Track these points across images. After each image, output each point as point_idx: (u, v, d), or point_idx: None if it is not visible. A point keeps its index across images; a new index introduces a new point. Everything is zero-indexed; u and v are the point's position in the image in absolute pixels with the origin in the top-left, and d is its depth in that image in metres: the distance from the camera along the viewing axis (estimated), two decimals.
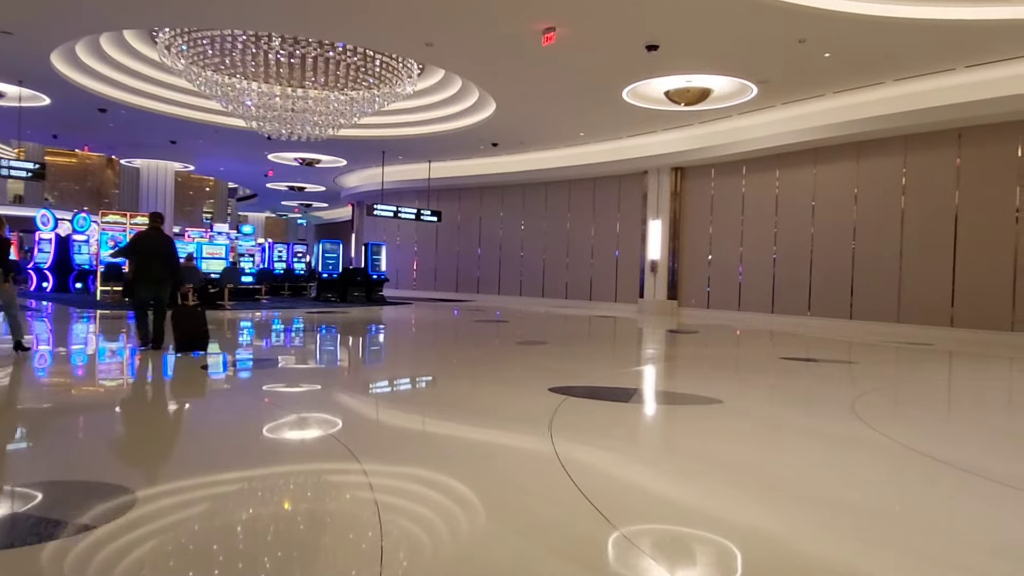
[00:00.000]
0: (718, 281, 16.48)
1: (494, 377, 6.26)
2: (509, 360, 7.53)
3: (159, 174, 21.19)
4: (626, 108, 14.19)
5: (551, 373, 6.39)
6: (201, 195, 53.36)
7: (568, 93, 13.43)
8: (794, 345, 10.22)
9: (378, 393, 5.57)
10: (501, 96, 13.88)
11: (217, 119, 17.40)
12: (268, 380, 5.86)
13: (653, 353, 8.90)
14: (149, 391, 5.74)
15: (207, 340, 7.15)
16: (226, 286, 14.01)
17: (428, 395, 5.71)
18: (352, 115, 14.63)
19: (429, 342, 9.65)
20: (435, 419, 4.52)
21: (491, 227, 22.27)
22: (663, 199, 17.52)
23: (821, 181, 14.38)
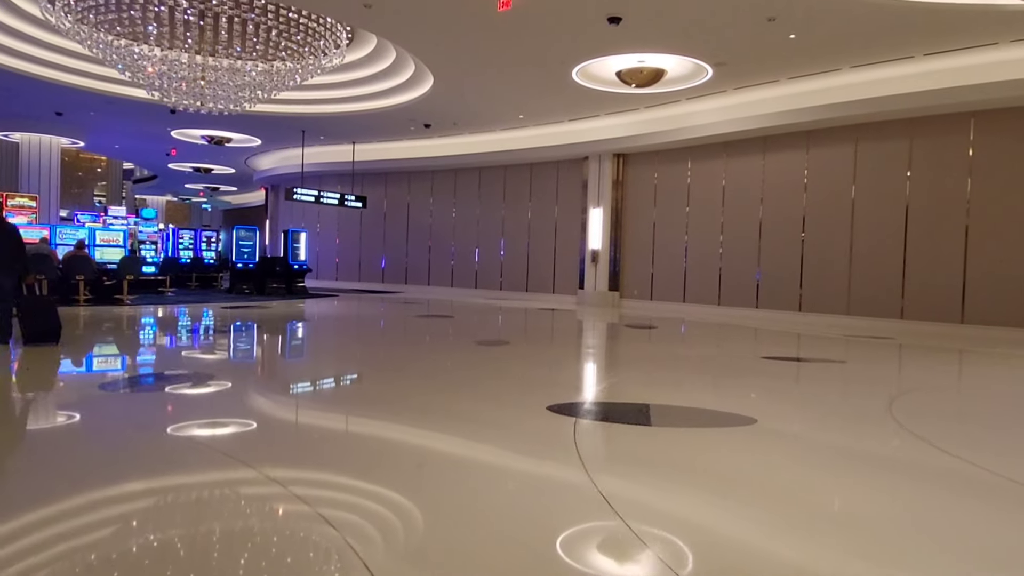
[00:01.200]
0: (662, 272, 15.98)
1: (474, 393, 5.24)
2: (478, 368, 6.52)
3: (42, 150, 18.76)
4: (575, 88, 13.35)
5: (536, 385, 5.46)
6: (92, 176, 49.18)
7: (516, 70, 12.45)
8: (765, 342, 9.68)
9: (326, 429, 4.43)
10: (441, 70, 12.74)
11: (112, 88, 15.39)
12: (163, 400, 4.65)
13: (628, 355, 8.07)
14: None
15: (59, 334, 6.63)
16: (125, 278, 12.27)
17: (401, 422, 4.67)
18: (270, 88, 13.11)
19: (372, 344, 8.41)
20: (422, 454, 3.50)
21: (420, 214, 21.05)
22: (604, 186, 16.84)
23: (770, 170, 14.03)
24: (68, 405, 4.45)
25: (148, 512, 2.57)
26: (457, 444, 3.70)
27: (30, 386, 5.00)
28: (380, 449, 3.68)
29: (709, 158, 15.03)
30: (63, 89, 14.87)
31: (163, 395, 4.66)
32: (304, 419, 4.31)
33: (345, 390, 5.34)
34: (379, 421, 4.23)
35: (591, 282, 17.06)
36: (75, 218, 17.60)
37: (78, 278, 11.58)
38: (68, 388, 5.06)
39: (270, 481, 2.88)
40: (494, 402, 4.72)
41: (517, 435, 3.87)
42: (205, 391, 4.86)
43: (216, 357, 6.68)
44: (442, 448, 3.63)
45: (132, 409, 4.34)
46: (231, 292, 16.58)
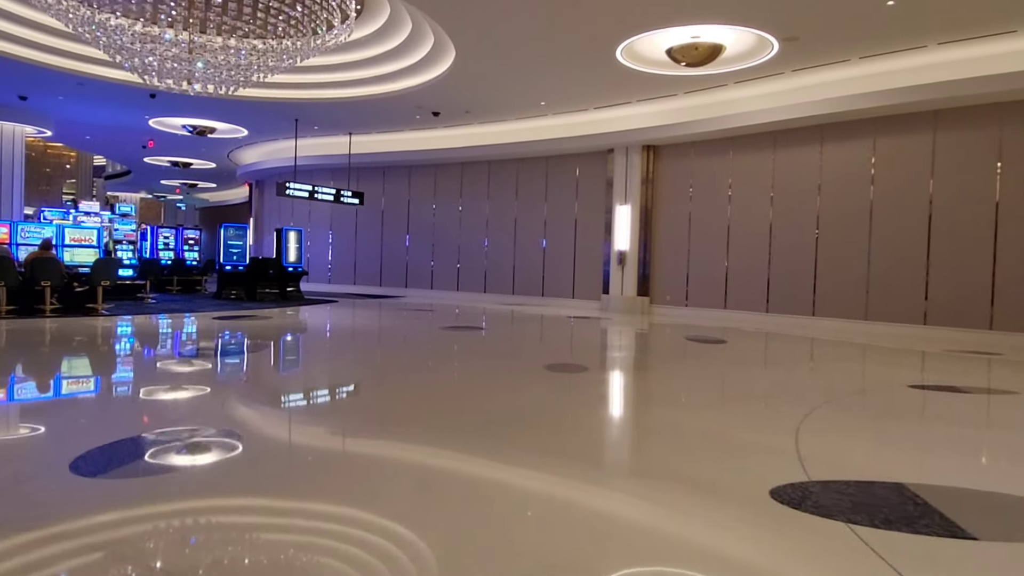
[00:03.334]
0: (700, 276, 14.52)
1: (658, 476, 3.68)
2: (611, 423, 4.92)
3: (4, 139, 16.80)
4: (616, 69, 11.83)
5: (722, 448, 3.93)
6: (60, 172, 46.68)
7: (554, 48, 10.90)
8: (882, 363, 8.25)
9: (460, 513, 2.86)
10: (468, 46, 11.15)
11: (84, 67, 13.57)
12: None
13: (760, 387, 6.43)
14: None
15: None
16: (100, 283, 10.49)
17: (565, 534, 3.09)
18: (264, 70, 11.37)
19: (423, 375, 6.17)
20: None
21: (422, 212, 19.39)
22: (632, 181, 15.35)
23: (829, 161, 12.63)
24: (25, 501, 2.79)
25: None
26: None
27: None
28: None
29: (755, 149, 13.61)
30: (28, 68, 13.03)
31: (172, 481, 3.03)
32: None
33: (473, 501, 3.75)
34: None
35: (617, 286, 15.56)
36: (40, 215, 15.65)
37: (43, 284, 9.81)
38: (24, 467, 3.37)
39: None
40: (705, 490, 3.14)
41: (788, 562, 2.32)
42: (233, 471, 3.25)
43: (229, 399, 5.04)
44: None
45: (128, 526, 2.67)
46: (218, 297, 14.82)
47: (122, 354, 7.23)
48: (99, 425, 4.00)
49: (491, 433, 4.04)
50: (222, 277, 14.89)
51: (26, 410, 4.45)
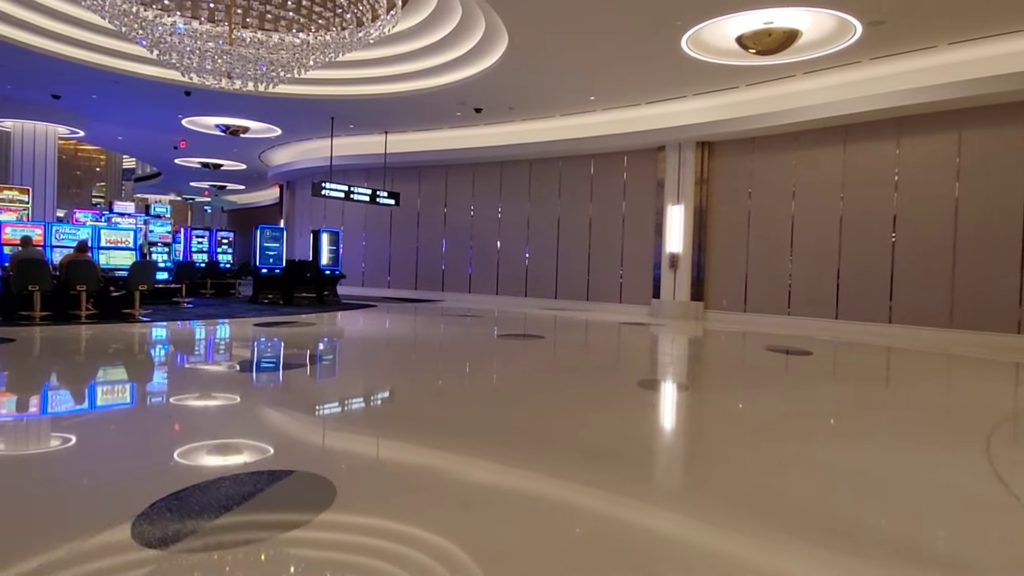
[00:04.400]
0: (760, 280, 13.70)
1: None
2: (727, 451, 4.22)
3: (37, 140, 16.46)
4: (680, 59, 11.09)
5: (888, 502, 3.22)
6: (90, 176, 46.78)
7: (615, 38, 10.18)
8: (1005, 376, 7.43)
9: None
10: (522, 34, 10.47)
11: (119, 64, 13.11)
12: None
13: (908, 413, 5.66)
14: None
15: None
16: (137, 287, 9.95)
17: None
18: (302, 66, 10.74)
19: (507, 395, 5.61)
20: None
21: (459, 213, 18.75)
22: (686, 180, 14.58)
23: (908, 156, 11.77)
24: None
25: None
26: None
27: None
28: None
29: (823, 144, 12.78)
30: (63, 64, 12.59)
31: (262, 546, 2.38)
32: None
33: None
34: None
35: (669, 291, 14.78)
36: (73, 217, 15.26)
37: (79, 288, 9.29)
38: (78, 536, 2.72)
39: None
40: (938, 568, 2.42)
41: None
42: (349, 525, 2.61)
43: (309, 430, 4.38)
44: None
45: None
46: (254, 302, 14.28)
47: (174, 369, 6.63)
48: (163, 468, 3.35)
49: (621, 470, 3.34)
50: (258, 280, 14.35)
51: (78, 446, 3.83)
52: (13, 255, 9.29)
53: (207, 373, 6.19)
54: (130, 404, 4.90)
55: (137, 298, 10.00)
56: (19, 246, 9.59)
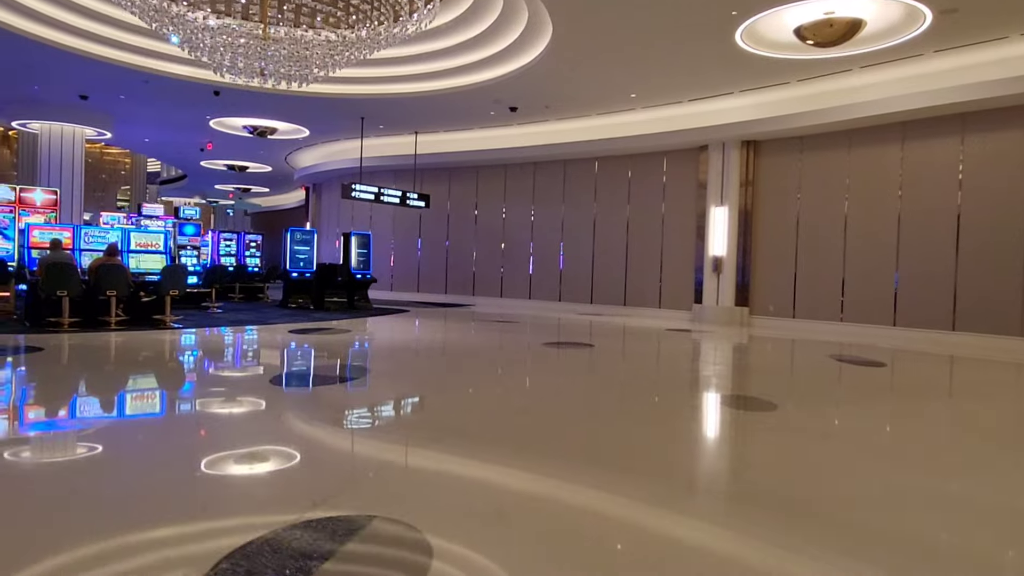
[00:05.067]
0: (810, 284, 13.08)
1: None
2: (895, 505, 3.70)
3: (64, 142, 16.24)
4: (732, 53, 10.54)
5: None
6: (115, 179, 46.99)
7: (663, 28, 9.66)
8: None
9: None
10: (566, 26, 9.97)
11: (149, 63, 12.81)
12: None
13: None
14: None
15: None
16: (169, 293, 9.58)
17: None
18: (334, 63, 10.30)
19: (573, 414, 4.94)
20: None
21: (490, 215, 18.28)
22: (730, 180, 14.00)
23: (973, 154, 11.12)
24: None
25: None
26: None
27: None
28: None
29: (879, 142, 12.15)
30: (92, 63, 12.29)
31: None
32: None
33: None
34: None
35: (712, 296, 14.20)
36: (99, 219, 14.99)
37: (109, 294, 8.92)
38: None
39: None
40: None
41: None
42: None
43: (377, 459, 3.91)
44: None
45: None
46: (284, 306, 13.90)
47: (214, 384, 6.21)
48: (217, 510, 2.90)
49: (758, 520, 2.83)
50: (288, 285, 13.97)
51: (114, 483, 3.39)
52: (42, 259, 8.96)
53: (250, 388, 5.75)
54: (168, 426, 4.46)
55: (168, 304, 9.63)
56: (48, 249, 9.26)
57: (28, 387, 5.55)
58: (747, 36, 9.99)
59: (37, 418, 4.45)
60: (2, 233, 10.98)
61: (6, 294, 10.71)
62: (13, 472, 3.22)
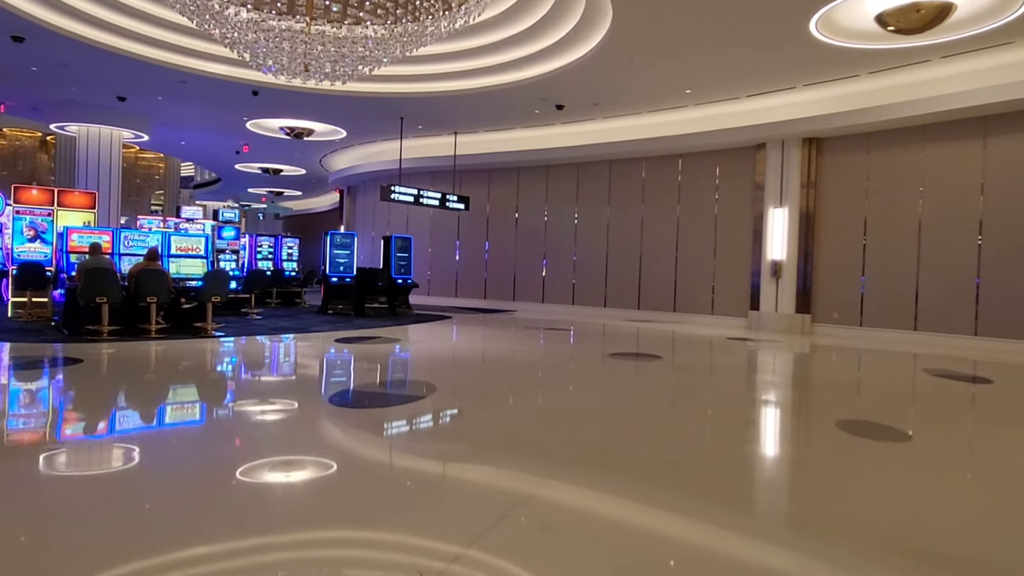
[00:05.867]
0: (878, 290, 12.30)
1: None
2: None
3: (102, 144, 16.01)
4: (804, 43, 9.84)
5: None
6: (150, 184, 47.34)
7: (731, 17, 9.00)
8: None
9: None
10: (627, 14, 9.36)
11: (187, 62, 12.46)
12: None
13: None
14: None
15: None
16: (211, 299, 9.14)
17: None
18: (374, 62, 9.76)
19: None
20: None
21: (532, 217, 17.70)
22: (790, 180, 13.26)
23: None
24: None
25: None
26: None
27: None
28: None
29: (958, 138, 11.35)
30: (129, 62, 11.96)
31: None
32: None
33: None
34: None
35: (770, 302, 13.46)
36: (137, 222, 14.70)
37: (149, 300, 8.50)
38: None
39: None
40: None
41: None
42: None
43: (492, 500, 3.33)
44: None
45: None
46: (323, 312, 13.46)
47: (271, 402, 5.70)
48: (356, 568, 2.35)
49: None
50: (328, 290, 13.52)
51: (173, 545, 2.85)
52: (80, 264, 8.57)
53: (313, 410, 5.23)
54: (235, 459, 3.94)
55: (210, 311, 9.19)
56: (87, 254, 8.88)
57: (68, 409, 5.08)
58: (823, 24, 9.30)
59: (80, 456, 3.96)
60: (40, 237, 10.64)
61: (43, 299, 10.38)
62: (75, 525, 2.70)
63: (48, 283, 10.18)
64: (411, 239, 15.03)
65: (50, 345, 7.66)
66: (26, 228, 10.45)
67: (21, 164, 45.96)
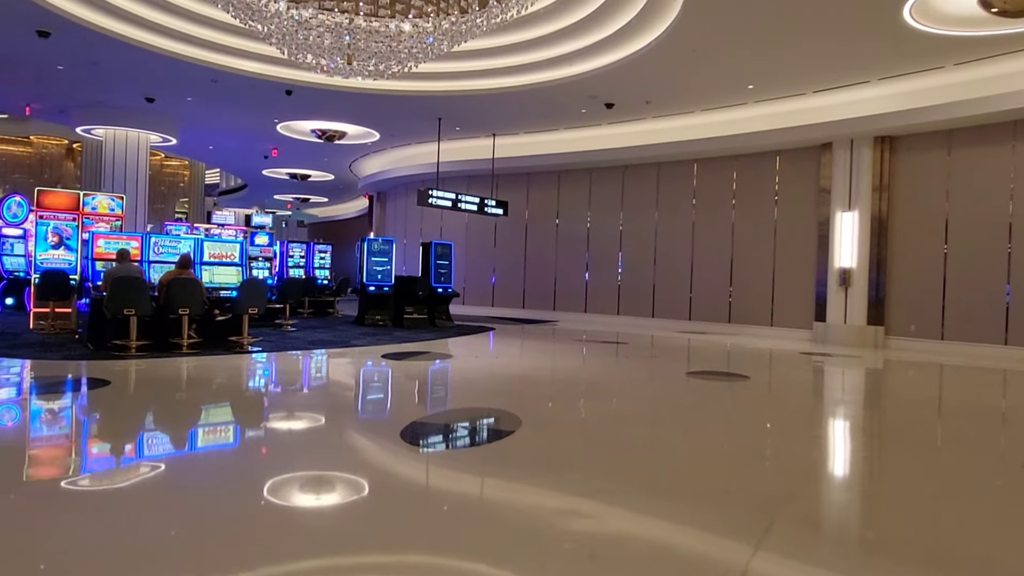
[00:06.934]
0: (962, 300, 11.29)
1: None
2: None
3: (129, 148, 15.45)
4: (897, 31, 8.93)
5: None
6: (175, 191, 47.22)
7: (820, 6, 8.16)
8: None
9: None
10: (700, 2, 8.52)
11: (218, 59, 11.81)
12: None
13: None
14: None
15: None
16: (248, 311, 8.39)
17: None
18: (414, 58, 8.98)
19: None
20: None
21: (574, 223, 16.86)
22: (860, 182, 12.30)
23: None
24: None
25: None
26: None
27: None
28: None
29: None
30: (158, 59, 11.32)
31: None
32: None
33: None
34: None
35: (838, 313, 12.48)
36: (165, 228, 14.08)
37: (181, 312, 7.77)
38: None
39: None
40: None
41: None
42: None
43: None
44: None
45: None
46: (360, 323, 12.70)
47: (333, 437, 4.91)
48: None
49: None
50: (365, 299, 12.77)
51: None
52: (107, 272, 7.87)
53: (384, 449, 4.42)
54: (297, 548, 3.14)
55: (245, 323, 8.44)
56: (114, 261, 8.18)
57: (95, 444, 4.32)
58: (917, 9, 8.39)
59: (110, 504, 3.18)
60: (65, 244, 9.99)
61: (67, 310, 9.72)
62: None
63: (72, 292, 9.51)
64: (451, 246, 14.25)
65: (73, 363, 6.95)
66: (50, 234, 9.80)
67: (48, 172, 45.87)
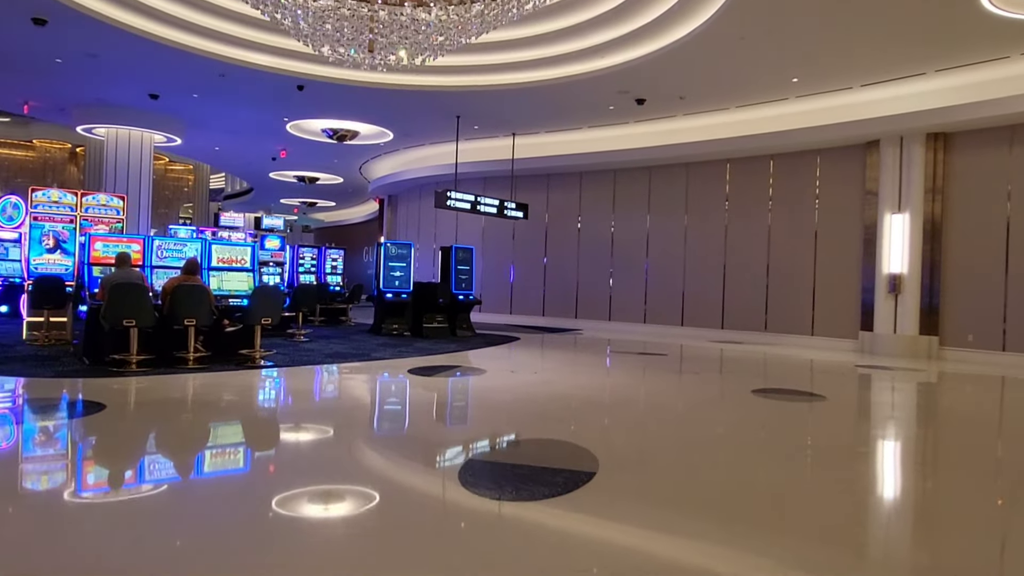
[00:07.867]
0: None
1: None
2: None
3: (132, 147, 14.71)
4: (972, 15, 8.15)
5: None
6: (178, 195, 46.55)
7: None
8: None
9: None
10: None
11: (227, 51, 11.06)
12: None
13: None
14: None
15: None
16: (261, 321, 7.60)
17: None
18: (436, 50, 8.21)
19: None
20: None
21: (597, 226, 16.07)
22: (912, 182, 11.50)
23: None
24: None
25: None
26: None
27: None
28: None
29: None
30: (162, 50, 10.57)
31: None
32: None
33: None
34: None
35: (886, 322, 11.67)
36: (169, 231, 13.31)
37: (187, 323, 6.99)
38: None
39: None
40: None
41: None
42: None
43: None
44: None
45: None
46: (377, 332, 11.92)
47: (379, 475, 4.10)
48: None
49: None
50: (381, 307, 11.98)
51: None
52: (105, 278, 7.09)
53: (453, 504, 3.62)
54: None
55: (258, 335, 7.65)
56: (113, 266, 7.41)
57: (81, 492, 3.54)
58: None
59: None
60: (61, 247, 9.23)
61: (62, 319, 8.95)
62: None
63: (68, 300, 8.74)
64: (472, 250, 13.46)
65: (66, 381, 6.16)
66: (44, 236, 9.03)
67: (51, 176, 45.12)
